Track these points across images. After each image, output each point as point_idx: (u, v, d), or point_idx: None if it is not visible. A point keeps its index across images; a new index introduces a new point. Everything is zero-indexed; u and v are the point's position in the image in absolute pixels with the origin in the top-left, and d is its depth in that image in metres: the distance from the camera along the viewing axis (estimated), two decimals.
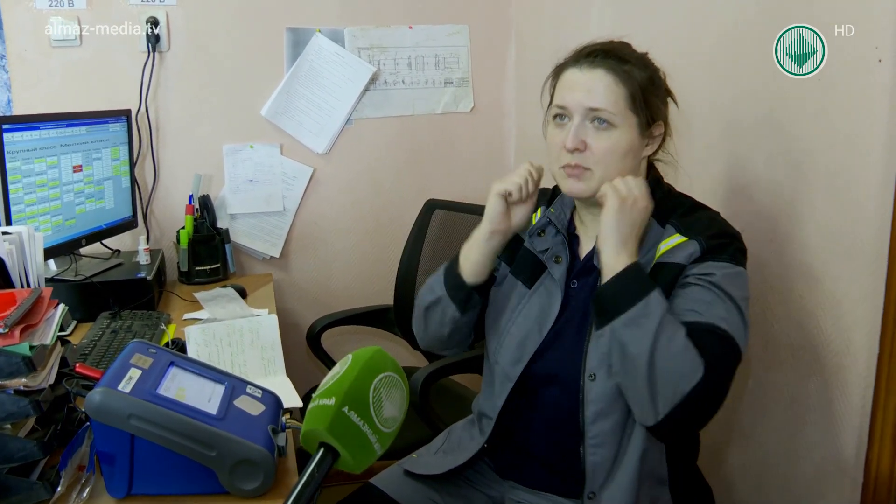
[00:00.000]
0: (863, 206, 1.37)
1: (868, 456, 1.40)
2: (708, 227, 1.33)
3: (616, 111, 1.33)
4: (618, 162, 1.35)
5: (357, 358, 1.00)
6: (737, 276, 1.30)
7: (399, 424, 1.00)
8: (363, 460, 0.96)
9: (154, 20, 2.41)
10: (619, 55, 1.36)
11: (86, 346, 1.79)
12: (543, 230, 1.49)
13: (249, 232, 2.63)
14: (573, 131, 1.34)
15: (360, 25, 2.61)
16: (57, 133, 2.06)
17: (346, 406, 0.94)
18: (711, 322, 1.25)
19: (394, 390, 0.99)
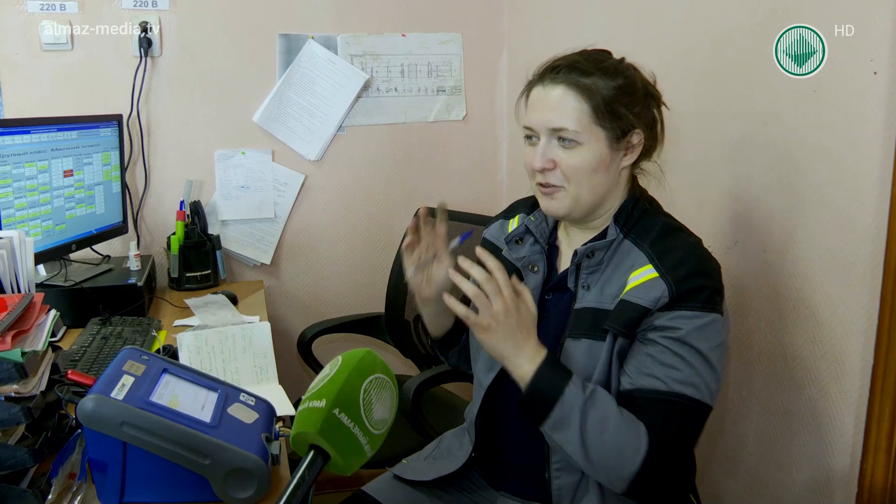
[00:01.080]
0: (857, 216, 1.38)
1: (862, 467, 1.40)
2: (681, 263, 1.27)
3: (579, 128, 1.30)
4: (589, 178, 1.32)
5: (347, 360, 1.00)
6: (707, 325, 1.25)
7: (389, 426, 1.00)
8: (353, 462, 0.96)
9: (146, 25, 2.40)
10: (582, 68, 1.32)
11: (76, 352, 1.77)
12: (521, 238, 1.47)
13: (240, 238, 2.62)
14: (540, 152, 1.33)
15: (354, 32, 2.61)
16: (48, 137, 2.05)
17: (337, 409, 0.94)
18: (670, 389, 1.24)
19: (384, 392, 0.99)
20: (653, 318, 1.26)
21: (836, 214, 1.43)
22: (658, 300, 1.25)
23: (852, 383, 1.42)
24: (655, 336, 1.26)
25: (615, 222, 1.36)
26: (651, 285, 1.27)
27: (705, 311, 1.25)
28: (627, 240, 1.34)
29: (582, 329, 1.33)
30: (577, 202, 1.34)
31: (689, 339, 1.24)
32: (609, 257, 1.34)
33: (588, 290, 1.35)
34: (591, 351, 1.31)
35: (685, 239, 1.34)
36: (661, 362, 1.25)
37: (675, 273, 1.26)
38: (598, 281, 1.34)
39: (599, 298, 1.33)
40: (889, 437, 1.33)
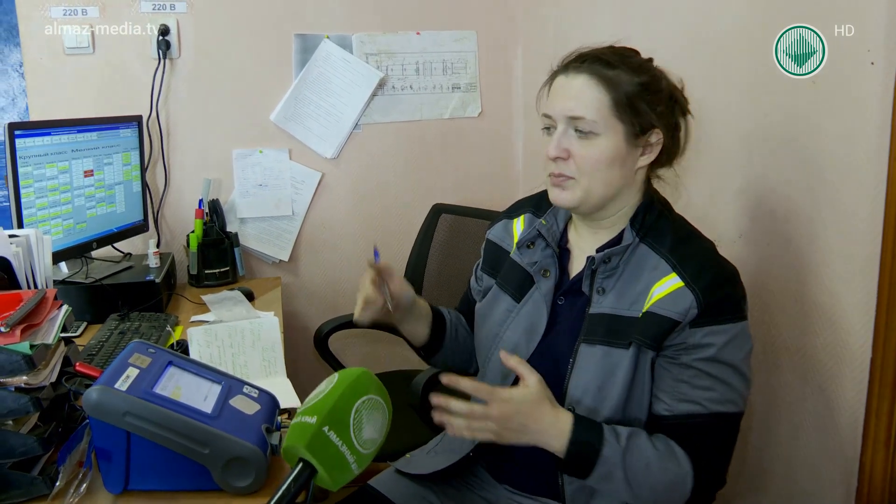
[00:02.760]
0: (856, 211, 1.38)
1: (862, 460, 1.40)
2: (704, 270, 1.27)
3: (598, 118, 1.28)
4: (603, 171, 1.30)
5: (343, 378, 1.03)
6: (738, 336, 1.26)
7: (378, 446, 1.03)
8: (339, 479, 0.99)
9: (165, 28, 2.45)
10: (607, 60, 1.31)
11: (93, 346, 1.82)
12: (533, 242, 1.46)
13: (259, 236, 2.66)
14: (556, 140, 1.31)
15: (368, 31, 2.64)
16: (68, 139, 2.11)
17: (327, 426, 0.98)
18: (709, 412, 1.25)
19: (375, 413, 1.02)
20: (684, 335, 1.26)
21: (837, 209, 1.43)
22: (687, 311, 1.24)
23: (853, 376, 1.42)
24: (689, 359, 1.26)
25: (631, 226, 1.35)
26: (678, 296, 1.26)
27: (733, 322, 1.26)
28: (643, 244, 1.33)
29: (598, 335, 1.32)
30: (588, 195, 1.32)
31: (723, 356, 1.25)
32: (625, 262, 1.33)
33: (604, 294, 1.33)
34: (608, 358, 1.30)
35: (702, 245, 1.34)
36: (697, 386, 1.26)
37: (700, 282, 1.25)
38: (614, 286, 1.33)
39: (616, 304, 1.32)
40: (888, 429, 1.33)
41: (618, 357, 1.29)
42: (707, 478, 1.27)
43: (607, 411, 1.29)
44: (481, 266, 1.60)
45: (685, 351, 1.26)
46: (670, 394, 1.27)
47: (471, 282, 1.65)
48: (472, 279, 1.65)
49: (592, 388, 1.30)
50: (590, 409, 1.31)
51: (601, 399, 1.30)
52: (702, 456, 1.26)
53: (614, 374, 1.29)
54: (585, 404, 1.31)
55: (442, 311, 1.64)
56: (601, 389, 1.30)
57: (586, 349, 1.32)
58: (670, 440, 1.27)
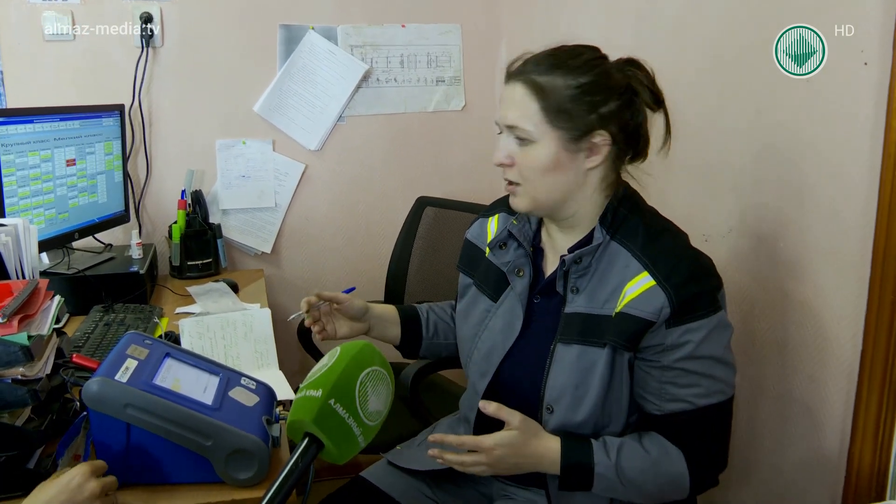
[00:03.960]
0: (846, 206, 1.40)
1: (850, 451, 1.42)
2: (676, 267, 1.26)
3: (531, 127, 1.27)
4: (542, 178, 1.31)
5: (345, 351, 1.03)
6: (715, 328, 1.26)
7: (383, 418, 1.03)
8: (347, 452, 0.99)
9: (148, 16, 2.42)
10: (544, 64, 1.29)
11: (79, 338, 1.80)
12: (505, 243, 1.46)
13: (241, 227, 2.64)
14: (499, 147, 1.33)
15: (354, 23, 2.62)
16: (51, 127, 2.07)
17: (333, 399, 0.97)
18: (697, 407, 1.27)
19: (380, 385, 1.02)
20: (660, 335, 1.26)
21: (826, 204, 1.45)
22: (660, 311, 1.24)
23: (842, 369, 1.45)
24: (669, 360, 1.26)
25: (601, 224, 1.34)
26: (650, 295, 1.25)
27: (708, 316, 1.26)
28: (614, 241, 1.33)
29: (573, 334, 1.32)
30: (535, 201, 1.33)
31: (702, 351, 1.26)
32: (597, 260, 1.33)
33: (577, 293, 1.33)
34: (583, 357, 1.31)
35: (673, 240, 1.34)
36: (682, 385, 1.27)
37: (672, 280, 1.25)
38: (587, 285, 1.33)
39: (590, 303, 1.32)
40: (876, 422, 1.36)
41: (594, 356, 1.30)
42: (703, 469, 1.30)
43: (585, 410, 1.30)
44: (458, 264, 1.60)
45: (664, 352, 1.26)
46: (657, 395, 1.29)
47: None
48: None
49: (570, 388, 1.31)
50: (567, 408, 1.31)
51: (579, 398, 1.30)
52: (695, 450, 1.29)
53: (591, 374, 1.30)
54: (564, 403, 1.32)
55: (420, 309, 1.66)
56: (578, 388, 1.30)
57: (562, 349, 1.33)
58: (663, 439, 1.30)
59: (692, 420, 1.28)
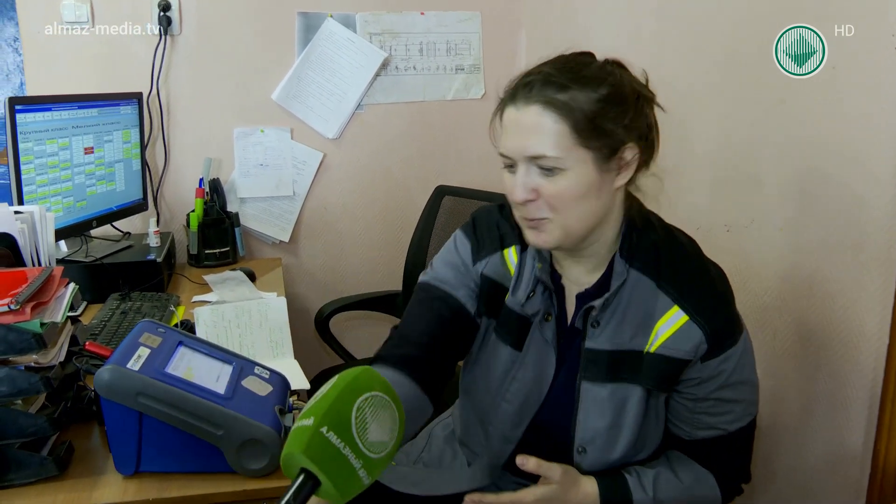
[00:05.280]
0: (871, 196, 1.37)
1: (876, 447, 1.39)
2: (705, 296, 1.19)
3: (561, 153, 1.12)
4: (576, 206, 1.15)
5: (342, 377, 0.92)
6: (744, 351, 1.22)
7: (391, 450, 0.91)
8: (347, 489, 0.86)
9: (166, 4, 2.41)
10: (557, 82, 1.13)
11: (95, 326, 1.80)
12: (534, 291, 1.28)
13: (259, 216, 2.64)
14: (520, 182, 1.15)
15: (372, 11, 2.60)
16: (69, 115, 2.07)
17: (325, 427, 0.86)
18: (729, 432, 1.24)
19: (382, 412, 0.91)
20: (696, 369, 1.20)
21: (850, 194, 1.42)
22: (698, 348, 1.18)
23: (867, 363, 1.41)
24: (704, 392, 1.22)
25: (620, 255, 1.22)
26: (686, 332, 1.18)
27: (738, 339, 1.21)
28: (633, 269, 1.21)
29: (600, 373, 1.23)
30: (567, 233, 1.17)
31: (735, 377, 1.21)
32: (620, 294, 1.22)
33: (598, 326, 1.23)
34: (615, 395, 1.23)
35: (691, 260, 1.24)
36: (715, 413, 1.23)
37: (704, 312, 1.18)
38: (610, 319, 1.22)
39: (615, 339, 1.22)
40: None
41: (626, 393, 1.22)
42: (733, 485, 1.30)
43: (620, 450, 1.24)
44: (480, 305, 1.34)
45: (699, 385, 1.22)
46: (689, 423, 1.25)
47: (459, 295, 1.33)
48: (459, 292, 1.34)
49: (602, 429, 1.24)
50: (601, 448, 1.25)
51: (614, 437, 1.24)
52: (725, 469, 1.28)
53: (624, 413, 1.23)
54: (598, 444, 1.25)
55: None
56: (613, 428, 1.23)
57: (589, 387, 1.24)
58: (693, 463, 1.27)
59: (722, 444, 1.25)
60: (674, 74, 1.80)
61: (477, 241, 1.35)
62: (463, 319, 1.33)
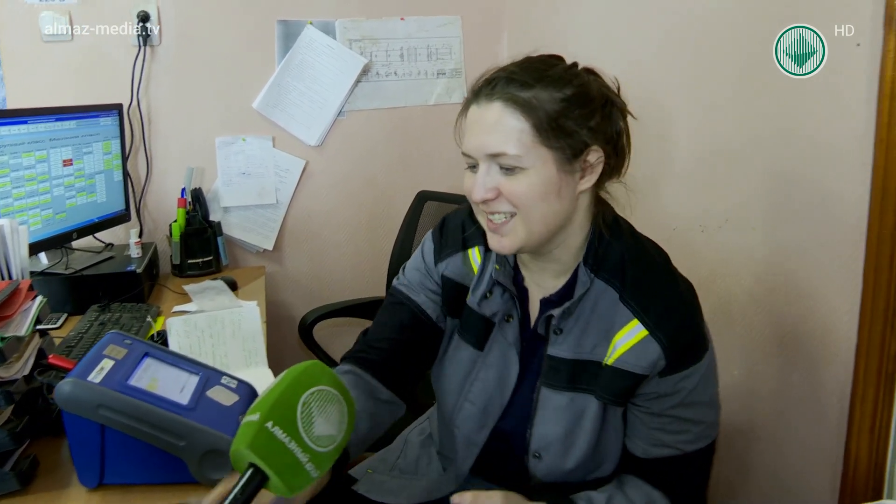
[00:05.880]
0: (841, 196, 1.37)
1: (847, 447, 1.39)
2: (668, 312, 1.16)
3: (521, 151, 1.10)
4: (537, 206, 1.13)
5: (290, 371, 0.94)
6: (706, 369, 1.19)
7: (339, 444, 0.93)
8: (293, 482, 0.88)
9: (145, 14, 2.41)
10: (521, 79, 1.12)
11: (72, 338, 1.80)
12: (491, 291, 1.29)
13: (242, 225, 2.64)
14: (479, 181, 1.14)
15: (352, 17, 2.60)
16: (45, 127, 2.07)
17: (271, 421, 0.87)
18: (684, 453, 1.21)
19: (329, 406, 0.92)
20: (652, 384, 1.18)
21: (822, 193, 1.42)
22: (655, 364, 1.16)
23: (839, 363, 1.41)
24: (660, 408, 1.19)
25: (584, 264, 1.21)
26: (643, 347, 1.16)
27: (701, 358, 1.18)
28: (598, 279, 1.20)
29: (560, 381, 1.22)
30: (529, 234, 1.16)
31: (694, 398, 1.18)
32: (583, 302, 1.21)
33: (561, 334, 1.22)
34: (573, 404, 1.22)
35: (658, 275, 1.22)
36: (671, 431, 1.20)
37: (666, 328, 1.15)
38: (572, 326, 1.21)
39: (577, 349, 1.21)
40: (872, 416, 1.32)
41: (583, 402, 1.21)
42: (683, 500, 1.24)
43: (575, 458, 1.23)
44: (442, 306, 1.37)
45: (657, 400, 1.19)
46: (645, 439, 1.22)
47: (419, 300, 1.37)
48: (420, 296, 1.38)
49: (559, 437, 1.23)
50: (556, 455, 1.24)
51: (568, 446, 1.23)
52: (679, 491, 1.23)
53: (581, 422, 1.22)
54: (552, 451, 1.24)
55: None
56: (568, 437, 1.23)
57: (549, 394, 1.23)
58: (646, 485, 1.22)
59: (677, 465, 1.21)
60: (650, 78, 1.81)
61: (441, 242, 1.36)
62: (423, 325, 1.34)
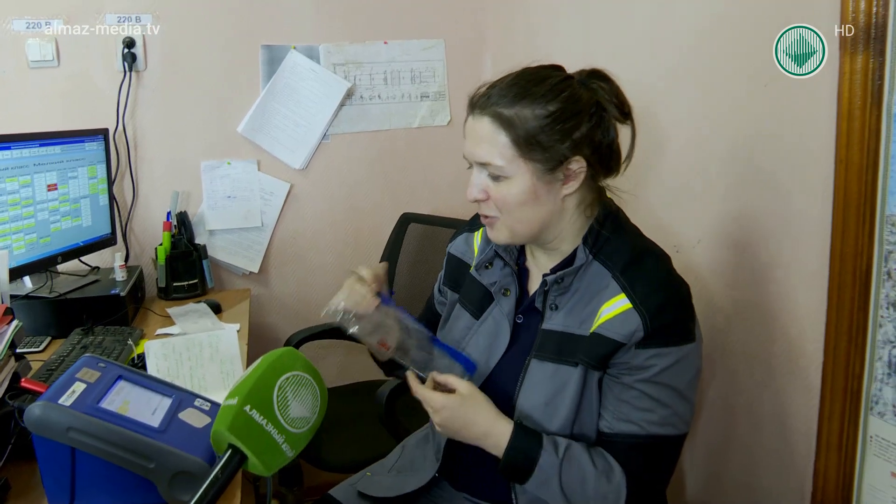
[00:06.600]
0: (807, 214, 1.38)
1: (816, 466, 1.39)
2: (654, 292, 1.24)
3: (503, 162, 1.24)
4: (518, 210, 1.28)
5: (265, 358, 1.01)
6: (682, 359, 1.24)
7: (313, 425, 1.00)
8: (271, 462, 0.96)
9: (130, 40, 2.44)
10: (509, 97, 1.24)
11: (53, 361, 1.81)
12: (491, 262, 1.44)
13: (228, 248, 2.65)
14: (473, 182, 1.30)
15: (336, 42, 2.64)
16: (30, 153, 2.09)
17: (248, 405, 0.95)
18: (647, 433, 1.25)
19: (303, 390, 1.00)
20: (628, 355, 1.24)
21: (789, 213, 1.43)
22: (633, 334, 1.23)
23: (807, 382, 1.42)
24: (630, 380, 1.25)
25: (584, 244, 1.32)
26: (625, 318, 1.23)
27: (680, 345, 1.24)
28: (596, 261, 1.31)
29: (548, 352, 1.31)
30: (513, 233, 1.31)
31: (664, 378, 1.24)
32: (579, 280, 1.31)
33: (556, 310, 1.33)
34: (557, 375, 1.30)
35: (654, 264, 1.30)
36: (637, 407, 1.25)
37: (648, 304, 1.23)
38: (566, 302, 1.32)
39: (567, 322, 1.31)
40: (839, 433, 1.33)
41: (566, 374, 1.29)
42: (640, 495, 1.26)
43: (556, 427, 1.29)
44: (444, 280, 1.59)
45: (628, 371, 1.25)
46: (612, 412, 1.27)
47: (434, 292, 1.65)
48: (435, 289, 1.65)
49: (541, 404, 1.30)
50: (538, 424, 1.31)
51: (550, 414, 1.30)
52: (637, 474, 1.26)
53: (563, 392, 1.29)
54: (534, 419, 1.31)
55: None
56: (549, 405, 1.30)
57: (537, 364, 1.32)
58: (609, 456, 1.27)
59: (639, 446, 1.26)
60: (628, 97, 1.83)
61: (460, 228, 1.59)
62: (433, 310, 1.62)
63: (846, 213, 1.27)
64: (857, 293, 1.27)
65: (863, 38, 1.22)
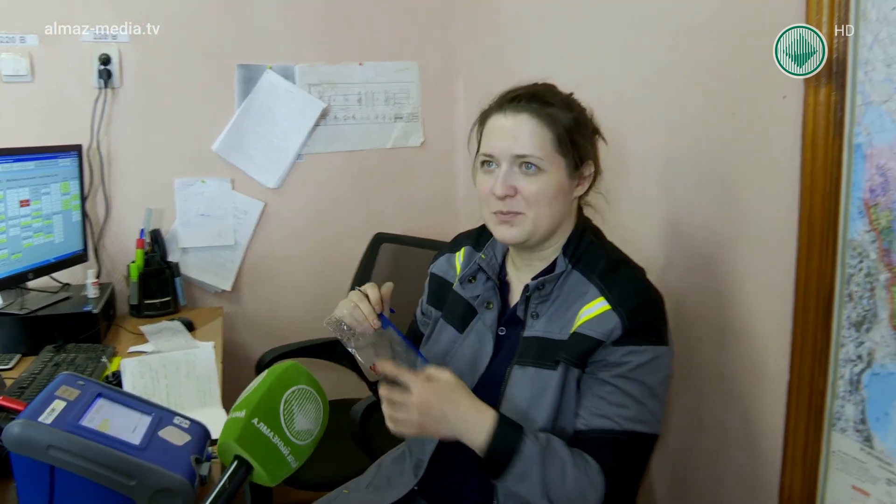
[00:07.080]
0: (772, 232, 1.43)
1: (782, 482, 1.43)
2: (631, 295, 1.32)
3: (543, 155, 1.33)
4: (548, 205, 1.35)
5: (271, 371, 1.05)
6: (656, 359, 1.30)
7: (315, 438, 1.04)
8: (276, 473, 1.00)
9: (106, 57, 2.45)
10: (542, 98, 1.36)
11: (25, 378, 1.79)
12: (474, 276, 1.49)
13: (201, 265, 2.65)
14: (501, 178, 1.34)
15: (311, 62, 2.67)
16: (3, 168, 2.08)
17: (256, 418, 0.98)
18: (622, 429, 1.29)
19: (307, 403, 1.04)
20: (606, 353, 1.30)
21: (754, 232, 1.48)
22: (611, 332, 1.29)
23: (772, 399, 1.46)
24: (606, 375, 1.30)
25: (563, 254, 1.39)
26: (604, 318, 1.30)
27: (654, 345, 1.31)
28: (576, 270, 1.38)
29: (529, 357, 1.36)
30: (536, 228, 1.36)
31: (638, 374, 1.29)
32: (559, 288, 1.38)
33: (537, 318, 1.38)
34: (538, 378, 1.34)
35: (631, 272, 1.38)
36: (612, 402, 1.29)
37: (626, 305, 1.30)
38: (547, 310, 1.37)
39: (547, 328, 1.36)
40: (804, 449, 1.37)
41: (547, 377, 1.33)
42: (616, 491, 1.29)
43: (537, 428, 1.32)
44: (427, 300, 1.63)
45: (605, 367, 1.30)
46: (588, 409, 1.31)
47: (416, 314, 1.69)
48: (417, 312, 1.68)
49: (523, 406, 1.34)
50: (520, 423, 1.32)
51: (532, 416, 1.33)
52: (612, 470, 1.29)
53: (544, 393, 1.33)
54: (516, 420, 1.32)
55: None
56: (531, 407, 1.33)
57: (518, 370, 1.36)
58: (584, 453, 1.29)
59: (614, 441, 1.29)
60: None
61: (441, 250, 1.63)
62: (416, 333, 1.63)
63: (811, 238, 1.32)
64: (820, 314, 1.32)
65: (825, 73, 1.27)
